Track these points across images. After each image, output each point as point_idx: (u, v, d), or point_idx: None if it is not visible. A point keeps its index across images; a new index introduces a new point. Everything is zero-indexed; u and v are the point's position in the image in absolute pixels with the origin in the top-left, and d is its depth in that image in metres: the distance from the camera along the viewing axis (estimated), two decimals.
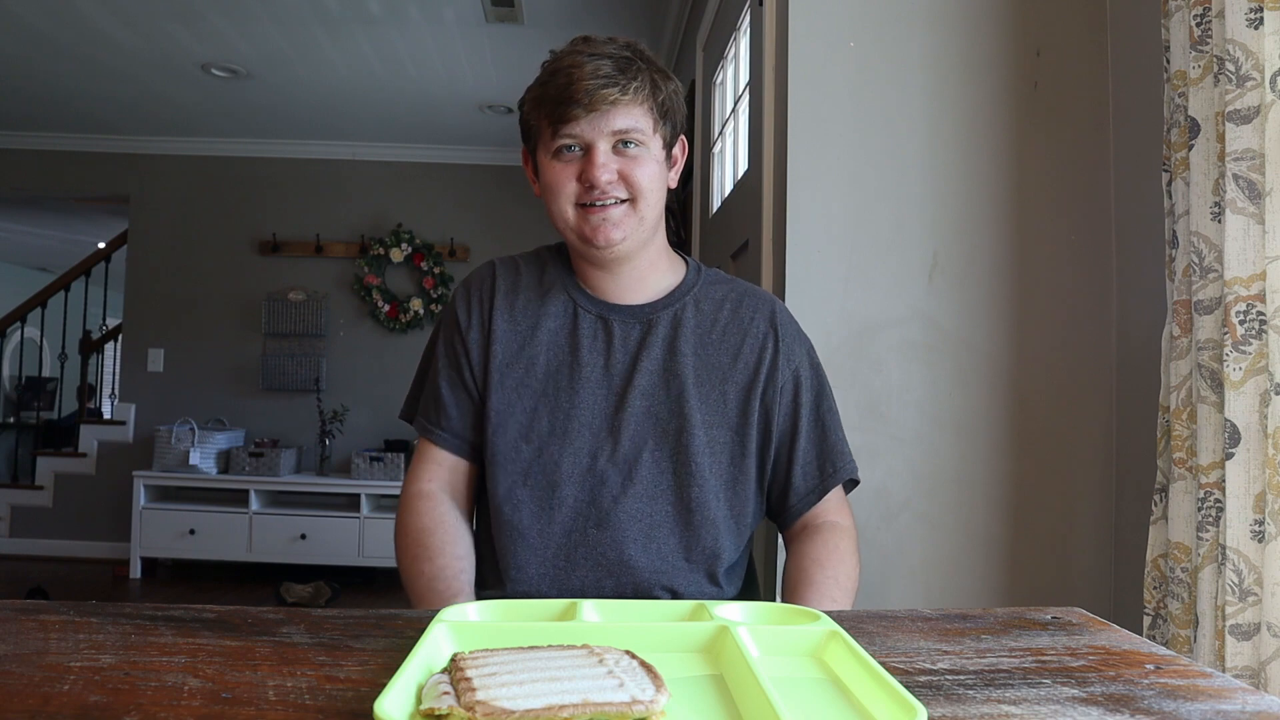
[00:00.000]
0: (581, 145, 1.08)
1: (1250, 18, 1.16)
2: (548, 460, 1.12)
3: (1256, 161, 1.16)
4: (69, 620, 0.71)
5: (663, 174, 1.13)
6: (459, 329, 1.19)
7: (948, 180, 1.72)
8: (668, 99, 1.12)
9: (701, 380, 1.14)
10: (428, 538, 1.12)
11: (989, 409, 1.71)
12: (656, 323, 1.15)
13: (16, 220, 7.17)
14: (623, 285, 1.16)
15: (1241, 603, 1.14)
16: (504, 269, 1.22)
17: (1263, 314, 1.15)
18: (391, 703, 0.52)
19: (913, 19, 1.73)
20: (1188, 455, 1.26)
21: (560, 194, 1.09)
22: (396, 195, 5.28)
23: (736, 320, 1.17)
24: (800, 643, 0.66)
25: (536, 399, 1.14)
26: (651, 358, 1.14)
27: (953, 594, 1.69)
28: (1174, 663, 0.66)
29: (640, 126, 1.08)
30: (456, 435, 1.19)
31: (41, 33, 3.77)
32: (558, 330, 1.16)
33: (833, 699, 0.57)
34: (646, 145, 1.10)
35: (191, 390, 5.19)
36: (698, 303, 1.18)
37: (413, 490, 1.18)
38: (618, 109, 1.06)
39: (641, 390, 1.13)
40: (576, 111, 1.05)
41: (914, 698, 0.51)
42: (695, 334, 1.16)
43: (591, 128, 1.06)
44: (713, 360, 1.15)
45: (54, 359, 5.76)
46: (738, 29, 2.45)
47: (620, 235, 1.09)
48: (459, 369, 1.18)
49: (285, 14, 3.55)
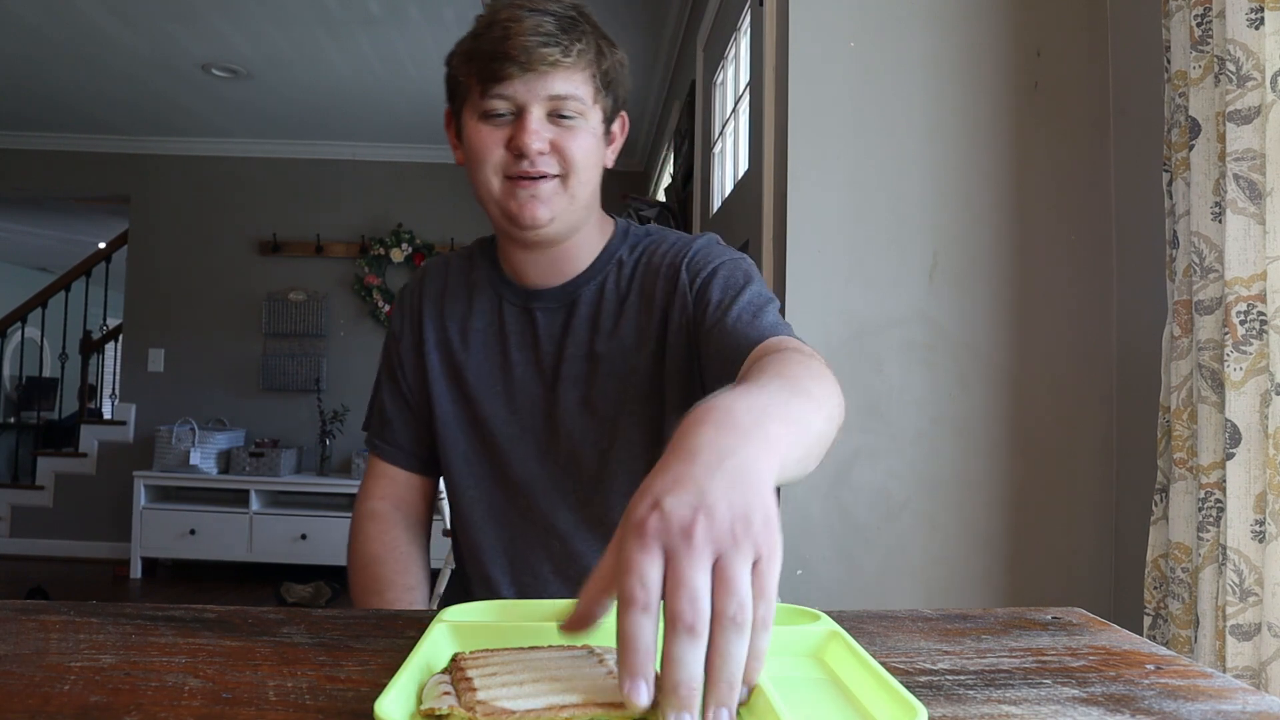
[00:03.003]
0: (513, 109, 0.96)
1: (1251, 18, 1.16)
2: (498, 471, 1.07)
3: (1257, 162, 1.16)
4: (69, 620, 0.71)
5: (599, 150, 1.02)
6: (395, 339, 1.14)
7: (948, 180, 1.72)
8: (612, 68, 1.01)
9: (629, 356, 1.03)
10: (378, 567, 1.07)
11: (989, 409, 1.71)
12: (579, 301, 1.05)
13: (16, 220, 7.17)
14: (546, 267, 1.05)
15: (1242, 603, 1.14)
16: (434, 273, 1.15)
17: (1263, 314, 1.15)
18: (391, 703, 0.52)
19: (913, 19, 1.73)
20: (1188, 455, 1.26)
21: (486, 161, 0.97)
22: (397, 195, 5.28)
23: (649, 274, 1.05)
24: (800, 643, 0.66)
25: (477, 407, 1.07)
26: (576, 342, 1.04)
27: (953, 594, 1.69)
28: (1174, 663, 0.66)
29: (580, 94, 0.97)
30: (403, 449, 1.14)
31: (41, 33, 3.77)
32: (486, 329, 1.09)
33: (833, 699, 0.57)
34: (585, 116, 0.98)
35: (192, 390, 5.19)
36: (620, 266, 1.06)
37: (363, 510, 1.13)
38: (557, 72, 0.95)
39: (572, 380, 1.04)
40: (511, 70, 0.94)
41: (915, 698, 0.51)
42: (616, 303, 1.05)
43: (526, 89, 0.95)
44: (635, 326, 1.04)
45: (54, 359, 5.76)
46: (738, 29, 2.45)
47: (548, 215, 0.98)
48: (397, 381, 1.14)
49: (285, 14, 3.55)
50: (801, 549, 1.67)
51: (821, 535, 1.67)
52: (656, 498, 0.48)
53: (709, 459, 0.50)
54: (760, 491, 0.49)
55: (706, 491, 0.48)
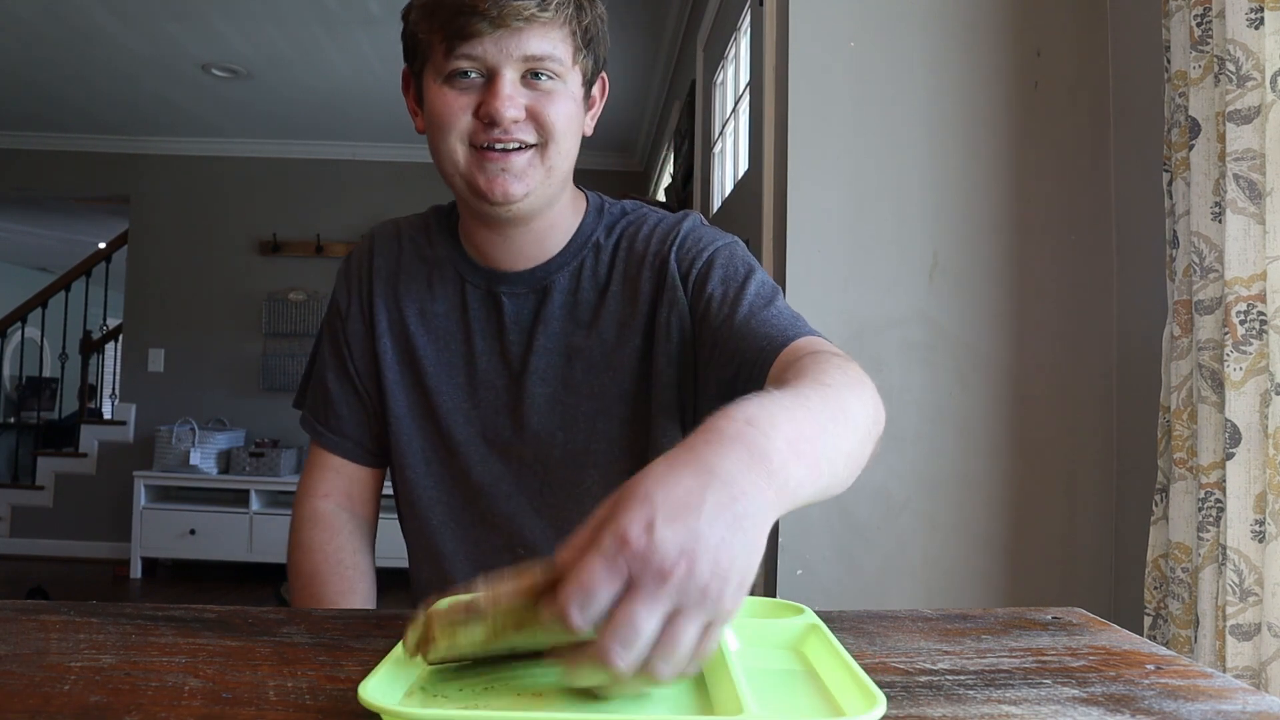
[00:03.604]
0: (482, 70, 0.85)
1: (1251, 18, 1.16)
2: (458, 471, 0.98)
3: (1257, 161, 1.16)
4: (69, 620, 0.71)
5: (579, 115, 0.91)
6: (340, 317, 1.03)
7: (948, 180, 1.72)
8: (592, 24, 0.90)
9: (610, 352, 0.95)
10: (320, 586, 0.97)
11: (989, 409, 1.71)
12: (552, 288, 0.95)
13: (16, 220, 7.17)
14: (514, 249, 0.95)
15: (1242, 603, 1.14)
16: (384, 245, 1.03)
17: (1263, 314, 1.15)
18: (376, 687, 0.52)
19: (913, 19, 1.73)
20: (1188, 455, 1.26)
21: (450, 129, 0.86)
22: (396, 195, 5.28)
23: (632, 261, 0.95)
24: (780, 636, 0.67)
25: (435, 399, 0.97)
26: (548, 333, 0.95)
27: (953, 594, 1.69)
28: (1174, 663, 0.66)
29: (558, 55, 0.86)
30: (350, 439, 1.03)
31: (41, 33, 3.77)
32: (446, 315, 0.98)
33: (803, 688, 0.58)
34: (563, 79, 0.87)
35: (192, 390, 5.19)
36: (598, 249, 0.97)
37: (305, 512, 1.02)
38: (532, 28, 0.84)
39: (541, 374, 0.95)
40: (480, 26, 0.82)
41: (877, 688, 0.51)
42: (594, 290, 0.96)
43: (498, 49, 0.83)
44: (617, 317, 0.95)
45: (54, 359, 5.76)
46: (738, 29, 2.45)
47: (522, 190, 0.87)
48: (344, 363, 1.03)
49: (285, 14, 3.55)
50: (801, 549, 1.67)
51: (821, 535, 1.67)
52: (652, 519, 0.45)
53: (720, 498, 0.47)
54: (751, 552, 0.47)
55: (701, 538, 0.45)
